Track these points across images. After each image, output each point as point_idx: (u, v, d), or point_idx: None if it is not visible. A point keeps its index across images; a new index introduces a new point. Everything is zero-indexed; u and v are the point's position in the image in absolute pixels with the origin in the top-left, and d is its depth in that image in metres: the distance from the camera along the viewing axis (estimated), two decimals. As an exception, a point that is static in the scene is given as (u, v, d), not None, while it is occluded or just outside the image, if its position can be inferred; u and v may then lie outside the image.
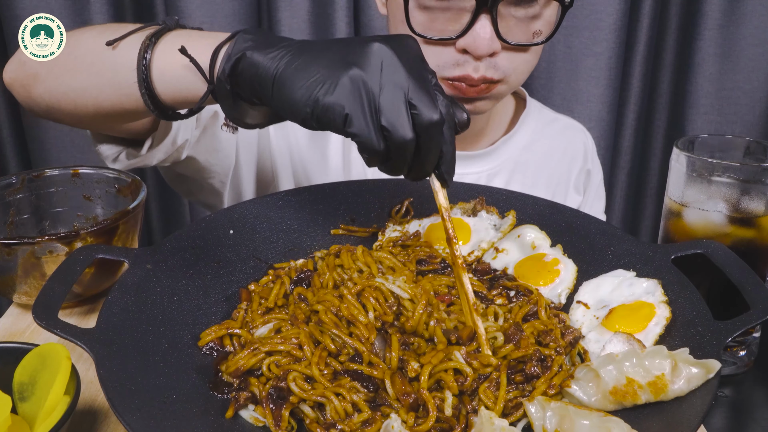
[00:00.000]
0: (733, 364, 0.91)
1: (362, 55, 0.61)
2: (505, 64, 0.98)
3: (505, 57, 0.97)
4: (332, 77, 0.60)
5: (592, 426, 0.62)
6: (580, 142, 1.30)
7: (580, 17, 1.76)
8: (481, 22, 0.92)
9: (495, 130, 1.22)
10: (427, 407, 0.66)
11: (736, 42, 1.80)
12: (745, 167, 0.86)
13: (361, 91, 0.60)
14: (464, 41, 0.94)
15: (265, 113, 0.72)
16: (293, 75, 0.61)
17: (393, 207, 0.99)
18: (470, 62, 0.96)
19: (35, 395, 0.66)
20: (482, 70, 0.97)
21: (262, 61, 0.63)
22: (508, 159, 1.21)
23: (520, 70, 1.01)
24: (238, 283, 0.87)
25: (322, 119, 0.61)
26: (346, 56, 0.61)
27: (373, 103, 0.60)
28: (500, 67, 0.98)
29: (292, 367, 0.70)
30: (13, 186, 0.98)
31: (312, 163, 1.18)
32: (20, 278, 0.87)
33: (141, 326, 0.73)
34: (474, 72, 0.97)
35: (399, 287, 0.78)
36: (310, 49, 0.63)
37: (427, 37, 0.96)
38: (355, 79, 0.60)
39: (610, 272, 0.85)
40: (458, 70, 0.97)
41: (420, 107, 0.61)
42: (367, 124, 0.60)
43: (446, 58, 0.97)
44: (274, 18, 1.74)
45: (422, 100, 0.61)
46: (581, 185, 1.30)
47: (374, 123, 0.60)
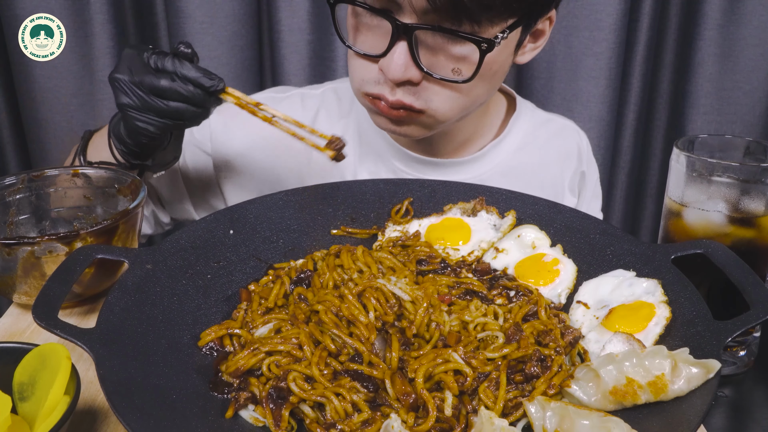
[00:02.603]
0: (733, 364, 0.91)
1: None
2: (429, 95, 0.96)
3: (428, 87, 0.95)
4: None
5: (592, 426, 0.62)
6: (573, 143, 1.29)
7: (580, 17, 1.75)
8: (399, 48, 0.91)
9: (484, 135, 1.21)
10: (427, 407, 0.66)
11: (736, 42, 1.80)
12: (745, 167, 0.86)
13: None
14: (381, 63, 0.94)
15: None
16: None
17: (393, 207, 0.99)
18: (388, 83, 0.96)
19: (35, 395, 0.66)
20: (399, 95, 0.96)
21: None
22: (499, 164, 1.20)
23: (448, 105, 0.98)
24: (238, 283, 0.87)
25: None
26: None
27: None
28: (423, 98, 0.96)
29: (292, 367, 0.71)
30: (13, 186, 0.98)
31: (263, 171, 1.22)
32: (20, 278, 0.87)
33: (141, 326, 0.73)
34: (390, 95, 0.96)
35: (400, 289, 0.78)
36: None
37: (355, 50, 0.97)
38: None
39: (610, 272, 0.85)
40: (377, 88, 0.97)
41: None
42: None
43: (370, 75, 0.97)
44: (274, 18, 1.74)
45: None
46: (576, 187, 1.29)
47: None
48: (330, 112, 1.22)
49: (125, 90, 0.90)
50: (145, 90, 0.90)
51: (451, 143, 1.17)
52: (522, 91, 1.88)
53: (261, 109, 0.91)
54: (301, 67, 1.79)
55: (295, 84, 1.79)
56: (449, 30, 0.88)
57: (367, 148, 1.19)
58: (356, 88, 1.02)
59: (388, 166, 1.18)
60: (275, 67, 1.80)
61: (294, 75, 1.79)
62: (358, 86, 1.01)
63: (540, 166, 1.24)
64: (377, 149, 1.18)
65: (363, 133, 1.19)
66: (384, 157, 1.18)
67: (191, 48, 0.93)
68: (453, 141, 1.17)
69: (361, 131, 1.19)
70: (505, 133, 1.21)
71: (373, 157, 1.19)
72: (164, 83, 0.89)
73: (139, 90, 0.90)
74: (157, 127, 0.93)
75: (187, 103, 0.91)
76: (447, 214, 0.98)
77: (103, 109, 1.78)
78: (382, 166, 1.18)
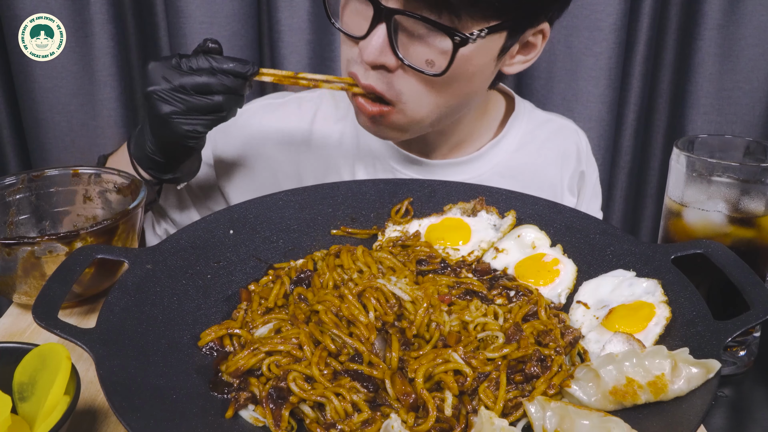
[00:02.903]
0: (733, 364, 0.91)
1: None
2: (401, 85, 0.96)
3: (403, 79, 0.95)
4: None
5: (592, 426, 0.62)
6: (572, 143, 1.28)
7: (580, 17, 1.75)
8: (378, 31, 0.91)
9: (483, 135, 1.21)
10: (427, 407, 0.66)
11: (736, 42, 1.79)
12: (745, 167, 0.86)
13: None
14: (361, 44, 0.94)
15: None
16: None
17: (393, 207, 0.99)
18: (363, 65, 0.96)
19: (35, 395, 0.66)
20: (371, 79, 0.96)
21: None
22: (497, 164, 1.20)
23: (418, 101, 0.97)
24: (238, 283, 0.87)
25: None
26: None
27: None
28: (395, 88, 0.96)
29: (292, 367, 0.71)
30: (13, 186, 0.98)
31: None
32: (20, 278, 0.87)
33: (141, 326, 0.73)
34: (363, 77, 0.96)
35: (401, 289, 0.78)
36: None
37: (340, 29, 0.99)
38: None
39: (610, 272, 0.85)
40: (354, 67, 0.98)
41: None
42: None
43: (352, 54, 0.98)
44: (274, 18, 1.74)
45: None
46: (575, 187, 1.29)
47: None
48: (327, 114, 1.23)
49: (166, 98, 0.92)
50: (188, 91, 0.92)
51: (447, 143, 1.17)
52: (522, 91, 1.88)
53: (300, 77, 0.96)
54: (301, 67, 1.79)
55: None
56: (427, 19, 0.89)
57: (365, 149, 1.19)
58: (343, 71, 1.03)
59: (386, 167, 1.18)
60: (275, 67, 1.80)
61: (294, 75, 1.79)
62: (344, 68, 1.02)
63: (539, 167, 1.24)
64: (374, 150, 1.19)
65: (361, 135, 1.20)
66: (381, 158, 1.18)
67: (217, 42, 0.96)
68: (449, 141, 1.17)
69: (359, 133, 1.20)
70: (504, 134, 1.21)
71: (370, 159, 1.19)
72: (207, 79, 0.92)
73: (181, 94, 0.92)
74: (204, 125, 0.95)
75: (230, 93, 0.94)
76: (447, 214, 0.98)
77: (103, 109, 1.78)
78: (380, 167, 1.19)
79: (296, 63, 1.78)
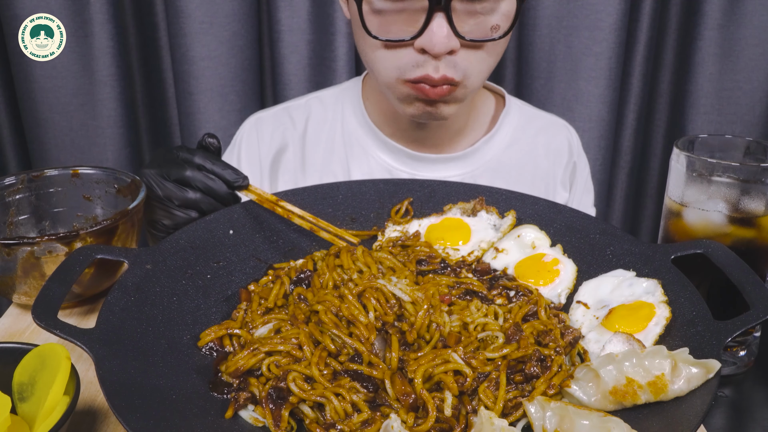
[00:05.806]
0: (733, 364, 0.91)
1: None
2: (463, 62, 0.97)
3: (463, 55, 0.97)
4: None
5: (592, 426, 0.62)
6: (563, 138, 1.29)
7: (580, 17, 1.75)
8: (436, 21, 0.92)
9: (475, 130, 1.22)
10: (427, 407, 0.66)
11: (736, 42, 1.80)
12: (745, 167, 0.86)
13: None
14: (422, 41, 0.94)
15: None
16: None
17: (393, 207, 0.99)
18: (430, 62, 0.96)
19: (35, 395, 0.66)
20: (442, 70, 0.96)
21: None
22: (491, 159, 1.21)
23: (478, 69, 1.00)
24: (238, 283, 0.87)
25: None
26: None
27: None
28: (460, 66, 0.97)
29: (292, 368, 0.70)
30: (13, 186, 0.98)
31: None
32: (20, 278, 0.87)
33: (141, 326, 0.73)
34: (434, 72, 0.96)
35: (401, 290, 0.78)
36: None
37: (384, 40, 0.96)
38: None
39: (610, 272, 0.85)
40: (419, 70, 0.97)
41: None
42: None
43: (406, 60, 0.97)
44: (274, 18, 1.74)
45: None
46: (568, 181, 1.29)
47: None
48: (317, 119, 1.25)
49: (151, 183, 0.94)
50: (168, 179, 0.93)
51: (441, 138, 1.18)
52: (522, 91, 1.88)
53: (280, 205, 0.94)
54: (301, 67, 1.79)
55: (294, 84, 1.80)
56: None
57: (357, 147, 1.20)
58: (392, 79, 1.01)
59: (379, 163, 1.19)
60: (275, 67, 1.80)
61: (294, 75, 1.79)
62: (395, 76, 1.00)
63: (531, 162, 1.25)
64: (365, 147, 1.20)
65: (351, 133, 1.21)
66: (374, 154, 1.19)
67: (215, 137, 0.97)
68: (443, 136, 1.18)
69: (349, 131, 1.21)
70: (495, 130, 1.22)
71: (363, 156, 1.20)
72: (189, 173, 0.93)
73: (164, 180, 0.93)
74: (170, 218, 0.94)
75: (209, 195, 0.94)
76: (447, 214, 0.98)
77: (102, 109, 1.78)
78: (374, 162, 1.19)
79: (296, 63, 1.78)
